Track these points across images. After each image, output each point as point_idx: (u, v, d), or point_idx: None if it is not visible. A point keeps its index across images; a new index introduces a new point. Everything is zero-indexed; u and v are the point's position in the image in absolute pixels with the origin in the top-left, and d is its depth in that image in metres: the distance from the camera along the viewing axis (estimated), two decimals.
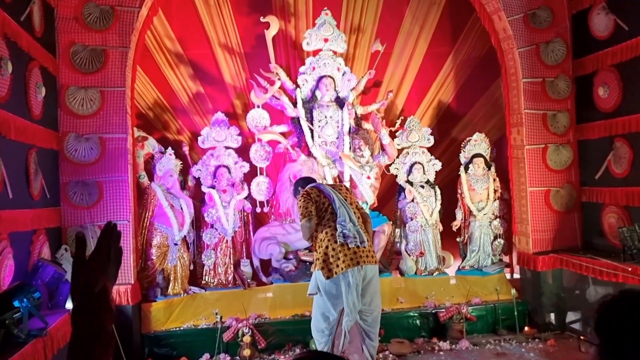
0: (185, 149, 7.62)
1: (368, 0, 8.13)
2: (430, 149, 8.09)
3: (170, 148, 7.34)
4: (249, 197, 7.60)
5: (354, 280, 5.08)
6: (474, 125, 8.49)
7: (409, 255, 7.67)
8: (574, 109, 7.62)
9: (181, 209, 7.20)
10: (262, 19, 7.48)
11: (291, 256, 7.52)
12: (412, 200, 7.73)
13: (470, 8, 7.88)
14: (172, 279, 7.21)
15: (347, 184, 7.25)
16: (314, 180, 5.76)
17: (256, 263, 7.56)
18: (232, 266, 7.48)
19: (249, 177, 7.62)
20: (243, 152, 7.64)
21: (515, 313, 7.23)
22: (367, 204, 7.54)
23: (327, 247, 5.17)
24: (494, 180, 7.96)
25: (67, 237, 6.36)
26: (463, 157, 8.13)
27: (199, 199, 7.55)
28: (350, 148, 7.61)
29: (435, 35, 8.45)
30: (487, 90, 8.57)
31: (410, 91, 8.57)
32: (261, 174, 7.64)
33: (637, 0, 6.65)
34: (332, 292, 5.18)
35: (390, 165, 7.92)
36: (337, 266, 5.12)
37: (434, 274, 7.72)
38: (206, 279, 7.50)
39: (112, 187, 6.59)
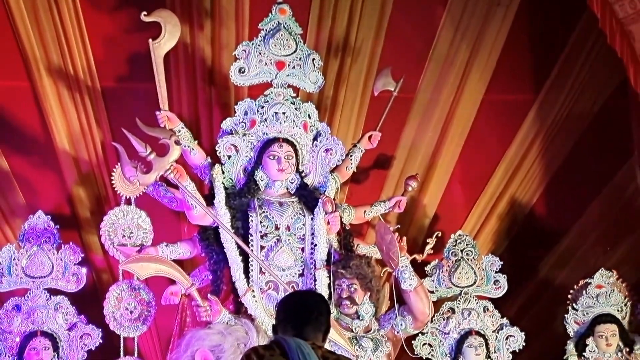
0: None
1: None
2: (497, 303, 5.76)
3: None
4: None
5: None
6: (585, 253, 6.44)
7: None
8: None
9: None
10: (144, 17, 5.22)
11: None
12: None
13: (579, 6, 5.84)
14: None
15: None
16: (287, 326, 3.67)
17: None
18: None
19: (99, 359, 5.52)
20: (89, 302, 5.48)
21: None
22: None
23: None
24: None
25: None
26: (572, 323, 5.88)
27: None
28: (331, 299, 5.43)
29: (500, 68, 6.29)
30: (610, 180, 6.42)
31: (453, 179, 6.42)
32: (129, 353, 5.48)
33: None
34: None
35: (415, 337, 5.57)
36: None
37: None
38: None
39: None
